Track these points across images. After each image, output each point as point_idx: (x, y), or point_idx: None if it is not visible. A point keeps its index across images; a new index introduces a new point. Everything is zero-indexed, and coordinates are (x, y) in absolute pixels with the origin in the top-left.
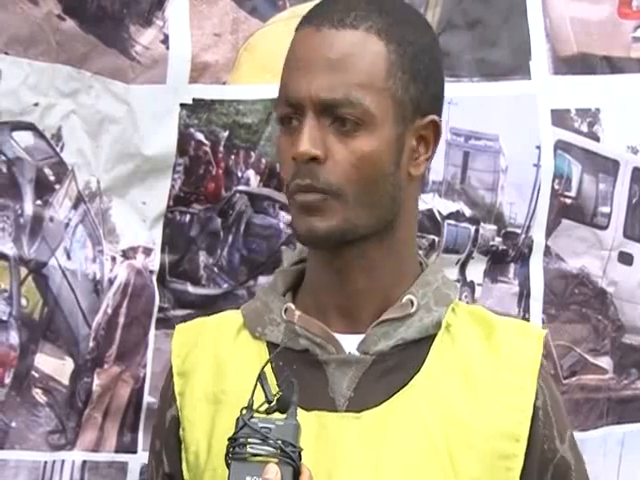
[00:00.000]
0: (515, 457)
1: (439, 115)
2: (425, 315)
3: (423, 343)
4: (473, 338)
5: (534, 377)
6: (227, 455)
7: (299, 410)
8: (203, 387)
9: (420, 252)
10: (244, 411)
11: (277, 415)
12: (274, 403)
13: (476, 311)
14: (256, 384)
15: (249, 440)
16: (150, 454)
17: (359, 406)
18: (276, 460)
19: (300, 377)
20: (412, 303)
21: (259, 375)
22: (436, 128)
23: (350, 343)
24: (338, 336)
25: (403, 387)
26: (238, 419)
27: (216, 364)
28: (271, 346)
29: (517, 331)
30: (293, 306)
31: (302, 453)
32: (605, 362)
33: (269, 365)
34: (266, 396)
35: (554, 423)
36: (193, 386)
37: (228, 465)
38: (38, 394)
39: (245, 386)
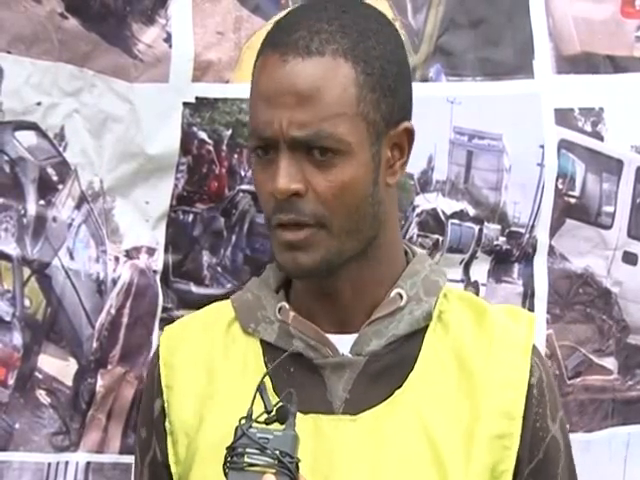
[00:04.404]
0: (511, 435)
1: (410, 117)
2: (415, 307)
3: (416, 337)
4: (465, 323)
5: (527, 354)
6: (225, 464)
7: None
8: (193, 382)
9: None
10: (243, 420)
11: (276, 425)
12: (273, 413)
13: (466, 296)
14: (255, 394)
15: (247, 450)
16: (136, 444)
17: (355, 408)
18: (274, 470)
19: (298, 381)
20: (401, 297)
21: (258, 385)
22: (409, 133)
23: (344, 344)
24: (332, 337)
25: (399, 387)
26: (237, 428)
27: (207, 360)
28: (265, 344)
29: (508, 314)
30: (288, 306)
31: (300, 464)
32: (610, 363)
33: (265, 366)
34: (265, 407)
35: (547, 402)
36: (182, 380)
37: (226, 474)
38: (42, 395)
39: (238, 383)
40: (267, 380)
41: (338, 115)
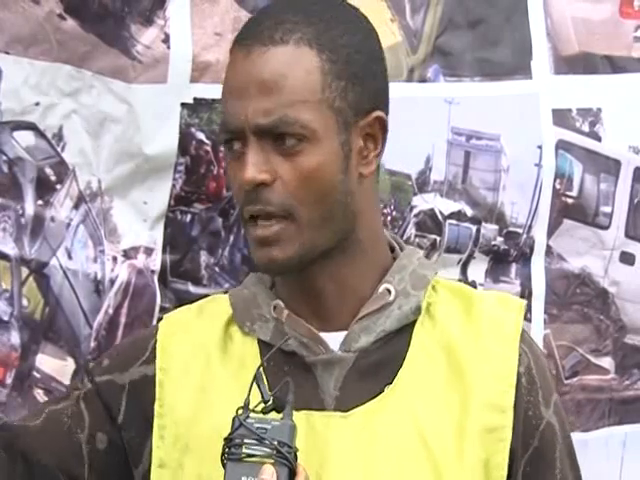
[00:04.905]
0: (503, 428)
1: (383, 107)
2: (404, 302)
3: (405, 331)
4: (453, 314)
5: (515, 343)
6: (223, 455)
7: None
8: (188, 375)
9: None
10: (240, 411)
11: (273, 415)
12: (270, 403)
13: (455, 287)
14: (252, 384)
15: (245, 440)
16: (88, 367)
17: (346, 405)
18: (272, 461)
19: (292, 379)
20: (389, 292)
21: (255, 375)
22: (382, 123)
23: (336, 342)
24: (324, 335)
25: (389, 383)
26: (234, 419)
27: (205, 355)
28: (261, 343)
29: (497, 302)
30: (282, 304)
31: (298, 453)
32: (607, 362)
33: (263, 366)
34: (262, 396)
35: (539, 389)
36: (177, 370)
37: (224, 465)
38: (39, 395)
39: (235, 382)
40: (262, 377)
41: (302, 102)
